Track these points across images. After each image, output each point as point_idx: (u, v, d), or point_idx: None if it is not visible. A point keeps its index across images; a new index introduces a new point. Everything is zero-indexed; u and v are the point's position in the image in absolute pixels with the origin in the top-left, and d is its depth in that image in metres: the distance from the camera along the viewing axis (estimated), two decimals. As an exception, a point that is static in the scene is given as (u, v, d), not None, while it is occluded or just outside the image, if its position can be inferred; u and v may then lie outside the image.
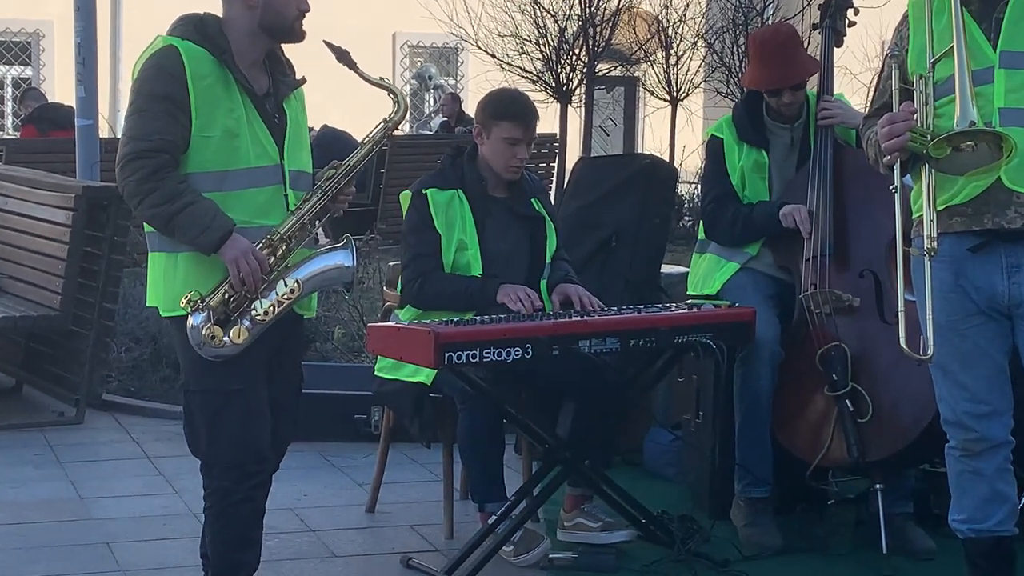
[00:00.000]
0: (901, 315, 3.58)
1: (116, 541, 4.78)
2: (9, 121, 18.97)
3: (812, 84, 4.92)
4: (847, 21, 5.02)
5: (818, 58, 4.95)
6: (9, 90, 19.22)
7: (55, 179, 6.98)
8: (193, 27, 3.68)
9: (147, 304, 3.83)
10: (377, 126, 3.89)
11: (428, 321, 4.31)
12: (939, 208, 3.53)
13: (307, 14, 3.72)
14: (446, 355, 4.04)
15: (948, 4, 3.54)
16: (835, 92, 4.89)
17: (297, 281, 3.69)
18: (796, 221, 4.66)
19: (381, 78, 3.92)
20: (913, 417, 4.36)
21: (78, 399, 6.56)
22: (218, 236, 3.57)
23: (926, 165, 3.49)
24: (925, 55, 3.58)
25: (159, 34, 3.71)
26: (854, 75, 9.33)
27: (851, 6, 5.00)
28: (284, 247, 3.69)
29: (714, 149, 4.91)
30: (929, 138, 3.45)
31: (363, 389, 5.53)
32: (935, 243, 3.48)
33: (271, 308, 3.65)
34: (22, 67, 19.46)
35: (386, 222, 12.02)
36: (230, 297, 3.63)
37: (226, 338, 3.61)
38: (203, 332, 3.60)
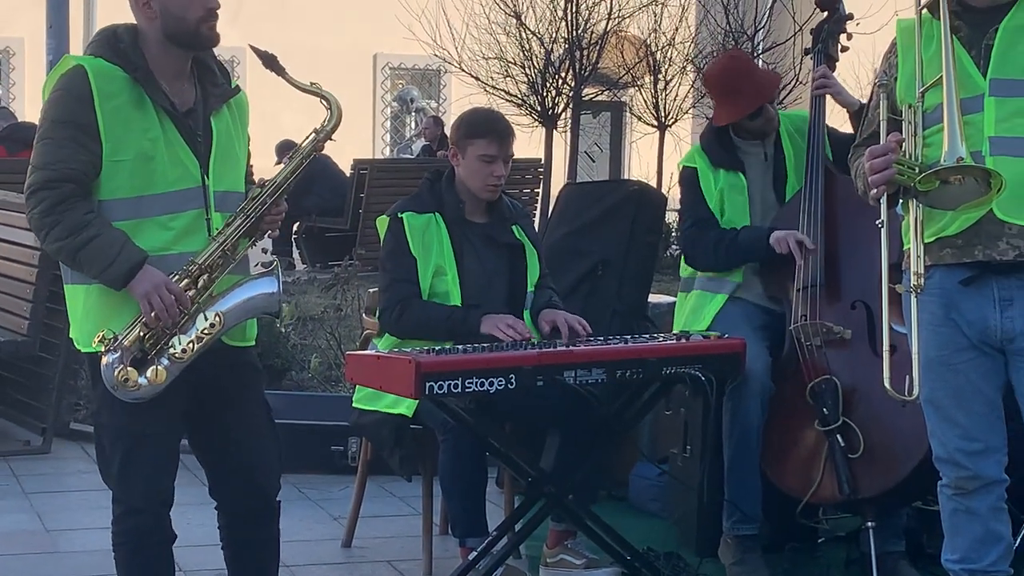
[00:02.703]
0: (885, 354, 3.59)
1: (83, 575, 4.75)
2: (-23, 141, 18.92)
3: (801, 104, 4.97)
4: (840, 46, 5.05)
5: (808, 82, 5.00)
6: (-23, 109, 19.19)
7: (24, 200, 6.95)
8: (107, 43, 3.52)
9: (70, 335, 3.68)
10: (307, 137, 3.70)
11: (408, 350, 4.30)
12: (929, 240, 3.55)
13: (217, 12, 3.51)
14: (427, 385, 4.03)
15: (937, 32, 3.57)
16: (826, 118, 4.93)
17: (218, 314, 3.53)
18: (790, 246, 4.67)
19: (312, 83, 3.69)
20: (906, 453, 4.37)
21: (45, 428, 6.54)
22: (125, 269, 3.41)
23: (914, 199, 3.51)
24: (914, 83, 3.60)
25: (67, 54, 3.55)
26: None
27: (844, 31, 5.04)
28: (205, 277, 3.52)
29: (689, 178, 4.94)
30: (917, 170, 3.47)
31: (340, 420, 5.53)
32: (922, 280, 3.49)
33: (190, 345, 3.49)
34: (-9, 85, 19.48)
35: (365, 247, 12.03)
36: (145, 335, 3.48)
37: (141, 379, 3.47)
38: (116, 374, 3.45)
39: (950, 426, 3.65)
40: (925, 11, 3.65)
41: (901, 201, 3.61)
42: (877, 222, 3.59)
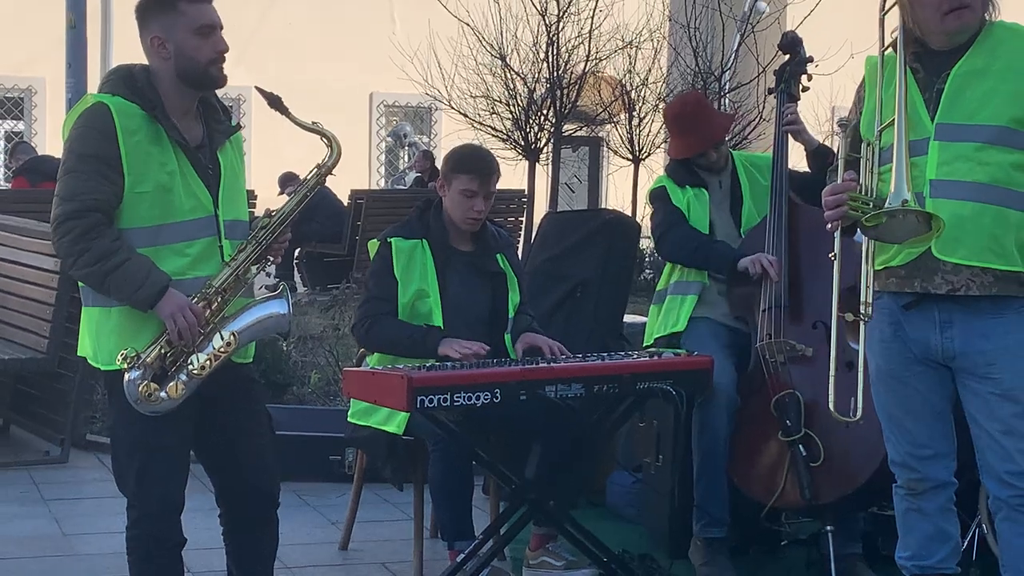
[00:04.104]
0: (831, 380, 3.60)
1: (97, 576, 4.74)
2: (1, 173, 18.94)
3: (765, 147, 4.98)
4: (801, 87, 5.07)
5: (770, 120, 5.02)
6: (1, 143, 19.20)
7: (44, 228, 6.91)
8: (123, 82, 3.53)
9: (78, 354, 3.67)
10: (311, 172, 3.71)
11: (401, 366, 4.30)
12: (878, 268, 3.58)
13: (225, 55, 3.53)
14: (418, 399, 4.02)
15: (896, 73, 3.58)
16: (788, 154, 4.95)
17: (233, 333, 3.55)
18: (763, 265, 4.67)
19: (314, 123, 3.70)
20: (862, 462, 4.37)
21: (63, 439, 6.51)
22: (154, 292, 3.43)
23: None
24: (874, 122, 3.62)
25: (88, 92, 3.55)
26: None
27: (805, 72, 5.06)
28: (219, 299, 3.54)
29: (659, 194, 4.99)
30: (871, 205, 3.48)
31: (338, 431, 5.50)
32: (870, 308, 3.51)
33: (208, 362, 3.51)
34: (14, 121, 19.47)
35: (361, 271, 11.96)
36: (167, 353, 3.49)
37: (162, 394, 3.48)
38: (139, 389, 3.46)
39: (902, 434, 3.68)
40: (890, 50, 3.64)
41: (859, 230, 3.63)
42: (830, 255, 3.61)
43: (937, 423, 3.65)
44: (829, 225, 3.57)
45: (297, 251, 13.92)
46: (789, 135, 4.95)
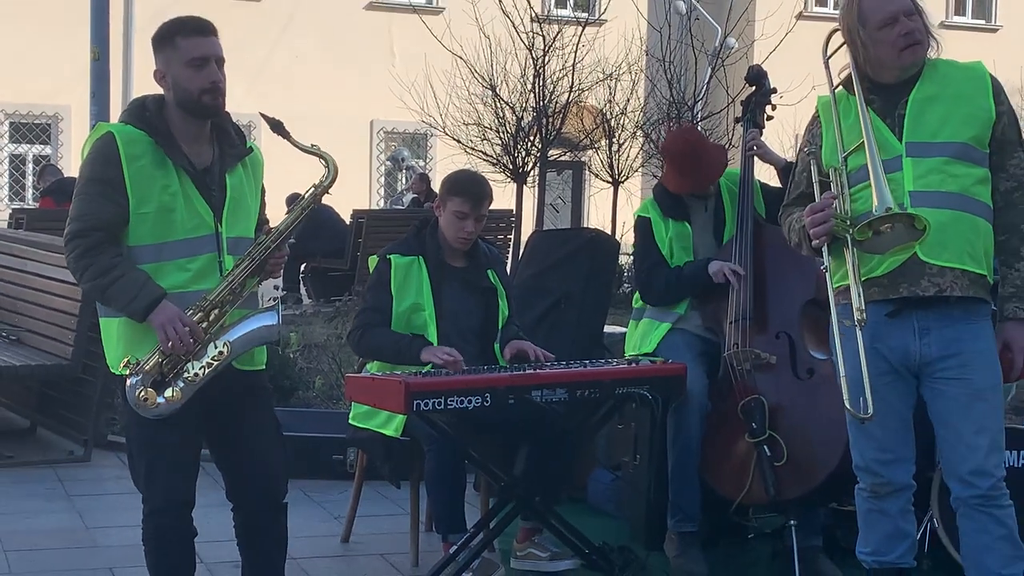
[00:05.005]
0: (843, 380, 3.55)
1: (118, 566, 4.73)
2: (29, 193, 18.92)
3: (732, 165, 4.99)
4: (765, 116, 5.09)
5: (739, 146, 5.03)
6: (30, 166, 19.20)
7: (70, 244, 6.93)
8: (134, 112, 3.57)
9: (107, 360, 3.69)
10: (308, 191, 3.70)
11: (399, 372, 4.30)
12: (861, 280, 3.57)
13: (219, 84, 3.51)
14: (415, 402, 4.03)
15: (854, 105, 3.61)
16: (754, 178, 4.96)
17: (226, 343, 3.54)
18: (726, 275, 4.69)
19: (312, 145, 3.70)
20: (823, 461, 4.38)
21: (86, 439, 6.50)
22: (145, 304, 3.44)
23: (849, 245, 3.53)
24: (837, 149, 3.63)
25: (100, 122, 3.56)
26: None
27: (769, 103, 5.08)
28: (216, 311, 3.53)
29: (643, 227, 4.93)
30: (849, 222, 3.50)
31: (340, 433, 5.50)
32: (864, 313, 3.51)
33: (202, 369, 3.51)
34: (42, 146, 19.46)
35: (363, 285, 11.94)
36: (163, 361, 3.49)
37: (160, 399, 3.48)
38: (137, 394, 3.47)
39: (868, 439, 3.66)
40: (840, 88, 3.69)
41: (832, 249, 3.62)
42: (822, 267, 3.62)
43: (901, 429, 3.65)
44: (816, 241, 3.58)
45: (303, 266, 13.92)
46: (755, 159, 4.96)
